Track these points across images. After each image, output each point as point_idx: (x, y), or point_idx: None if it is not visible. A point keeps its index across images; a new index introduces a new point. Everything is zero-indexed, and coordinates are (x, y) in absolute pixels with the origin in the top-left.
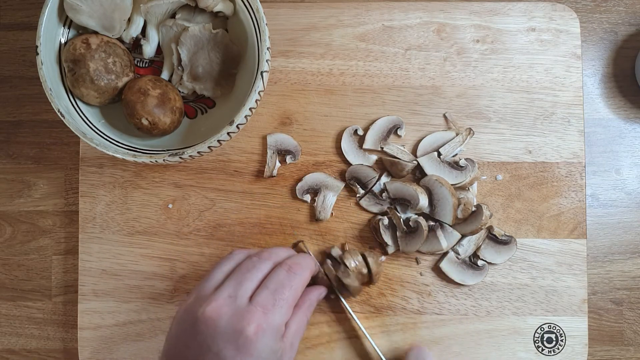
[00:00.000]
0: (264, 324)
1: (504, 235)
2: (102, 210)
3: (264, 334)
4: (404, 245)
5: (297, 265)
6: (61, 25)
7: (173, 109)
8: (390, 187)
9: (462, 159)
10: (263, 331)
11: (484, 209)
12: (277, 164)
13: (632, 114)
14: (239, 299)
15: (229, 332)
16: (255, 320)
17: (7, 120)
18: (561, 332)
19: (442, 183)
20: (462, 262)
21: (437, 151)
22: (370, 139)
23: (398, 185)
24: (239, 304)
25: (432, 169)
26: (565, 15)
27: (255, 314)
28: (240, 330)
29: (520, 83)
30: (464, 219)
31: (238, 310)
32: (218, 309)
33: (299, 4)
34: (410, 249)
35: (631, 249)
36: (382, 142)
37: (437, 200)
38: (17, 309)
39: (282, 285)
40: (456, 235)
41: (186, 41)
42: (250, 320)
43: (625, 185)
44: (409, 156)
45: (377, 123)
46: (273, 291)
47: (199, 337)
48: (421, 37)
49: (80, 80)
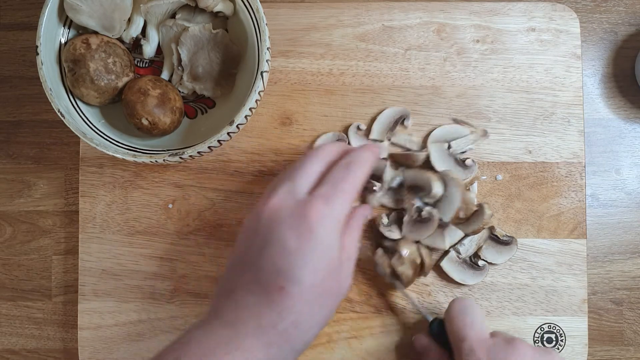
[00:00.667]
0: (325, 210)
1: (505, 236)
2: (102, 210)
3: (325, 220)
4: (408, 232)
5: (354, 162)
6: (61, 25)
7: (173, 109)
8: (407, 174)
9: (469, 158)
10: (324, 217)
11: (485, 208)
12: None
13: (632, 114)
14: (298, 192)
15: (290, 220)
16: (316, 207)
17: (7, 120)
18: (561, 332)
19: (458, 184)
20: (462, 261)
21: (448, 143)
22: (376, 130)
23: (414, 172)
24: (299, 197)
25: (440, 158)
26: (565, 15)
27: (316, 203)
28: (302, 216)
29: (520, 83)
30: (466, 218)
31: (299, 201)
32: (278, 201)
33: (299, 4)
34: (413, 237)
35: (631, 249)
36: (389, 133)
37: (445, 197)
38: (17, 309)
39: (341, 179)
40: (459, 234)
41: (186, 41)
42: (311, 207)
43: (625, 185)
44: (417, 146)
45: (383, 114)
46: (332, 185)
47: (262, 230)
48: (421, 37)
49: (80, 81)
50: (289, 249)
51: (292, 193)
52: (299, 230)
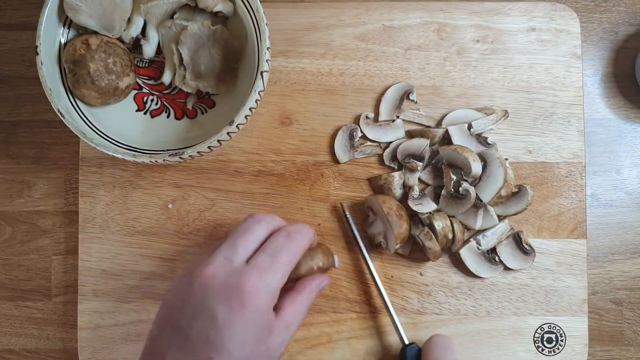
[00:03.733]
0: (259, 284)
1: (527, 245)
2: (102, 210)
3: (258, 294)
4: (444, 206)
5: (295, 232)
6: (61, 25)
7: None
8: (444, 153)
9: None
10: (257, 291)
11: (527, 189)
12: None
13: (632, 114)
14: (234, 261)
15: (223, 291)
16: (251, 280)
17: (7, 120)
18: (561, 332)
19: (501, 163)
20: (481, 253)
21: (468, 124)
22: (384, 110)
23: (450, 151)
24: (234, 265)
25: (461, 140)
26: (565, 15)
27: (251, 275)
28: (235, 288)
29: (520, 83)
30: (507, 198)
31: (234, 271)
32: (213, 270)
33: (299, 4)
34: (449, 212)
35: (631, 249)
36: (397, 111)
37: (487, 177)
38: (17, 309)
39: (279, 249)
40: (494, 220)
41: (186, 40)
42: (246, 280)
43: (625, 185)
44: (428, 120)
45: (387, 93)
46: (270, 255)
47: (193, 298)
48: (421, 37)
49: (81, 81)
50: (218, 320)
51: (229, 260)
52: (230, 302)
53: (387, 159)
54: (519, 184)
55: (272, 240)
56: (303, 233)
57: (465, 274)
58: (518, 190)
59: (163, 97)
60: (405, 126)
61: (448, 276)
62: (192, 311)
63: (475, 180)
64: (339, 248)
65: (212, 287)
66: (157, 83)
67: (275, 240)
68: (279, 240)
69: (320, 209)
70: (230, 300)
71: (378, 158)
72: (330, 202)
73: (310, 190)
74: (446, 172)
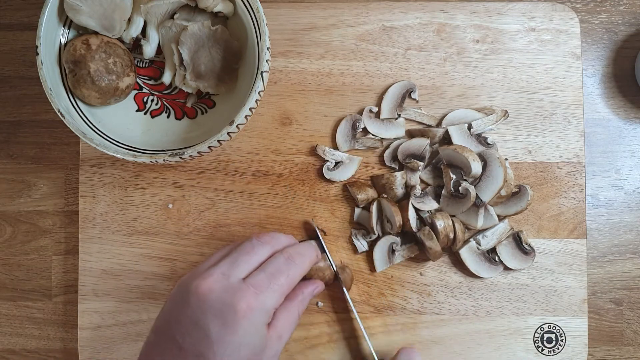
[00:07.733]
0: (254, 303)
1: (527, 245)
2: (102, 210)
3: (252, 313)
4: (445, 206)
5: (297, 254)
6: (61, 26)
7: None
8: (444, 153)
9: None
10: (252, 310)
11: (527, 189)
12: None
13: (632, 114)
14: (232, 277)
15: (217, 306)
16: (246, 298)
17: (7, 120)
18: (561, 332)
19: (501, 163)
20: (481, 253)
21: (468, 124)
22: (386, 108)
23: (450, 151)
24: (231, 282)
25: (461, 140)
26: (565, 15)
27: (247, 293)
28: (230, 305)
29: (520, 83)
30: (506, 198)
31: (230, 287)
32: (210, 284)
33: (299, 4)
34: (449, 211)
35: (631, 249)
36: (399, 109)
37: (487, 177)
38: (17, 309)
39: (279, 271)
40: (494, 220)
41: (186, 40)
42: (241, 297)
43: (625, 185)
44: (429, 119)
45: (389, 91)
46: (269, 275)
47: (189, 311)
48: (421, 37)
49: (81, 82)
50: (211, 336)
51: (227, 276)
52: (225, 319)
53: (387, 159)
54: (519, 184)
55: (273, 261)
56: (306, 256)
57: (465, 274)
58: (518, 190)
59: (163, 97)
60: (406, 125)
61: (448, 276)
62: (187, 324)
63: (476, 180)
64: (338, 248)
65: (208, 302)
66: (157, 83)
67: (277, 261)
68: (280, 261)
69: (320, 209)
70: (224, 317)
71: (378, 158)
72: (330, 202)
73: (310, 190)
74: (445, 172)
